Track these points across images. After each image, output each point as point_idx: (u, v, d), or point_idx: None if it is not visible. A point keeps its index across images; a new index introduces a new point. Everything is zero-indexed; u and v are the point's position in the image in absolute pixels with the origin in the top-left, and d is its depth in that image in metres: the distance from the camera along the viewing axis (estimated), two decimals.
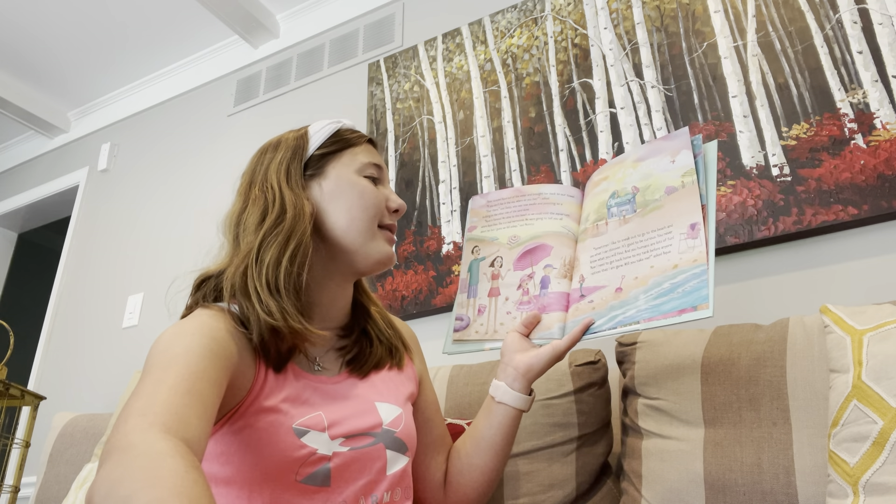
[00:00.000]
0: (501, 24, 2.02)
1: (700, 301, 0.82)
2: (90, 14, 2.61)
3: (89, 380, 2.47)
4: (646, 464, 1.07)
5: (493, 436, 0.95)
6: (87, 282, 2.72)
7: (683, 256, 0.87)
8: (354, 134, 0.96)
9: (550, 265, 0.99)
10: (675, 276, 0.86)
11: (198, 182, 2.59)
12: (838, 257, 1.35)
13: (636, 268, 0.90)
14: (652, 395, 1.10)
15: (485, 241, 1.07)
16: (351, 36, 2.41)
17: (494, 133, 1.90)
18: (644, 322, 0.86)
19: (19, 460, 1.83)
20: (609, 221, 0.97)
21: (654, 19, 1.75)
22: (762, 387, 1.00)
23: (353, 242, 0.89)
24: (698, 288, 0.83)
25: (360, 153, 0.94)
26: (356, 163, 0.92)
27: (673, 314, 0.84)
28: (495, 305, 1.01)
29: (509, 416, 0.94)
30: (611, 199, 0.98)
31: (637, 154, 1.01)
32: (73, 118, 3.20)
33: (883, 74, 1.40)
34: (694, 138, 0.94)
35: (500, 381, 0.95)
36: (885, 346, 0.84)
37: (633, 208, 0.95)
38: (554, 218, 1.03)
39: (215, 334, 0.75)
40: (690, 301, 0.83)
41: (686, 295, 0.84)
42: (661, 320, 0.84)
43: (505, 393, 0.94)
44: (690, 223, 0.88)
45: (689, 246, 0.87)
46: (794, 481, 0.93)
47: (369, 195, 0.91)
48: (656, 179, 0.94)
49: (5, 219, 3.30)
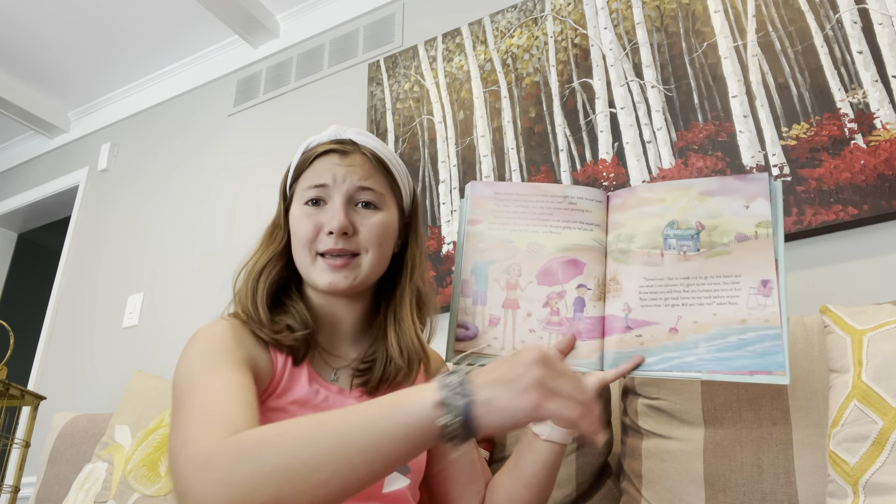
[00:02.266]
0: (501, 24, 2.02)
1: (776, 367, 0.82)
2: (90, 14, 2.61)
3: (89, 380, 2.47)
4: (646, 464, 1.07)
5: (538, 473, 0.90)
6: (87, 282, 2.72)
7: (753, 313, 0.84)
8: (308, 152, 0.93)
9: (584, 285, 0.92)
10: (743, 331, 0.84)
11: (198, 182, 2.59)
12: (838, 257, 1.35)
13: (696, 311, 0.87)
14: (652, 395, 1.10)
15: (496, 242, 0.96)
16: (351, 36, 2.41)
17: (494, 133, 1.90)
18: (707, 373, 0.84)
19: (19, 460, 1.83)
20: (665, 253, 0.90)
21: (654, 19, 1.75)
22: (762, 387, 1.00)
23: (303, 275, 0.91)
24: (773, 352, 0.82)
25: (308, 176, 0.91)
26: (301, 189, 0.92)
27: (744, 373, 0.83)
28: (513, 319, 0.93)
29: (554, 453, 0.90)
30: (669, 229, 0.91)
31: (705, 186, 0.93)
32: (73, 118, 3.19)
33: (883, 74, 1.40)
34: (773, 186, 0.89)
35: None
36: (885, 346, 0.84)
37: (697, 246, 0.90)
38: (584, 229, 0.94)
39: (227, 341, 0.80)
40: (764, 364, 0.82)
41: (759, 356, 0.82)
42: (730, 376, 0.83)
43: (553, 431, 0.88)
44: (762, 279, 0.86)
45: (761, 303, 0.85)
46: (794, 481, 0.93)
47: (299, 227, 0.90)
48: (726, 222, 0.89)
49: (5, 219, 3.30)
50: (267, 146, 2.45)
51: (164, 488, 1.26)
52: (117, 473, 1.32)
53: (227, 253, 2.34)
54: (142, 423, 1.41)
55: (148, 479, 1.28)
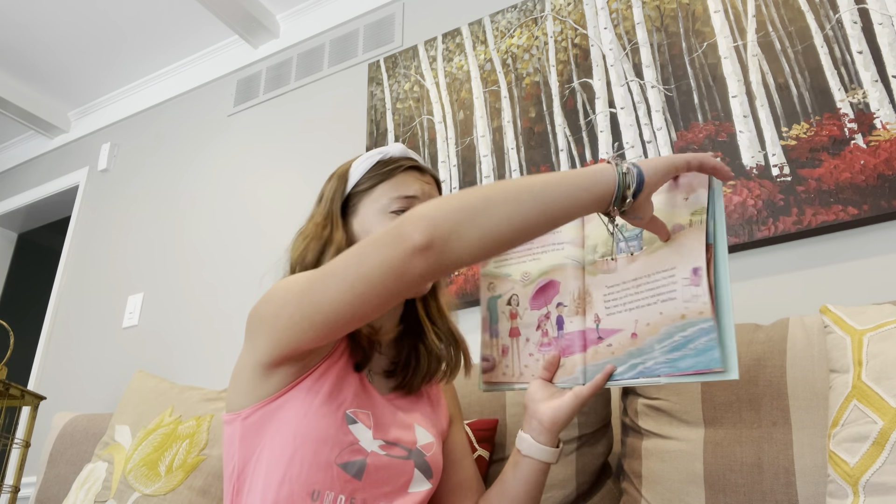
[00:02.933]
0: (501, 24, 2.02)
1: (715, 364, 0.76)
2: (90, 14, 2.61)
3: (89, 380, 2.47)
4: (646, 464, 1.07)
5: (519, 488, 0.93)
6: (87, 282, 2.72)
7: (689, 306, 0.80)
8: (390, 165, 0.97)
9: (562, 303, 0.94)
10: (684, 327, 0.80)
11: (198, 182, 2.59)
12: (838, 257, 1.35)
13: (647, 312, 0.84)
14: (652, 395, 1.10)
15: (499, 277, 1.03)
16: (351, 36, 2.41)
17: (494, 133, 1.90)
18: (665, 377, 0.81)
19: (19, 460, 1.83)
20: (618, 257, 0.90)
21: (654, 19, 1.75)
22: (762, 387, 1.00)
23: None
24: (709, 348, 0.77)
25: (392, 187, 0.95)
26: (384, 198, 0.94)
27: (690, 373, 0.79)
28: (517, 346, 0.97)
29: (536, 470, 0.92)
30: (618, 232, 0.91)
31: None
32: (73, 118, 3.20)
33: (883, 74, 1.40)
34: (715, 181, 0.85)
35: (526, 433, 0.92)
36: (885, 346, 0.84)
37: (640, 245, 0.88)
38: (556, 249, 0.97)
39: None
40: (704, 362, 0.77)
41: (699, 354, 0.78)
42: (682, 378, 0.80)
43: (531, 446, 0.91)
44: (693, 267, 0.81)
45: (693, 294, 0.80)
46: (794, 481, 0.93)
47: None
48: (665, 215, 0.86)
49: (5, 219, 3.30)
50: (267, 146, 2.45)
51: (163, 488, 1.26)
52: (117, 473, 1.32)
53: (228, 253, 2.34)
54: (142, 422, 1.41)
55: (148, 478, 1.28)
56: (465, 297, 1.74)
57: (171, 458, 1.30)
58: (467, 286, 1.75)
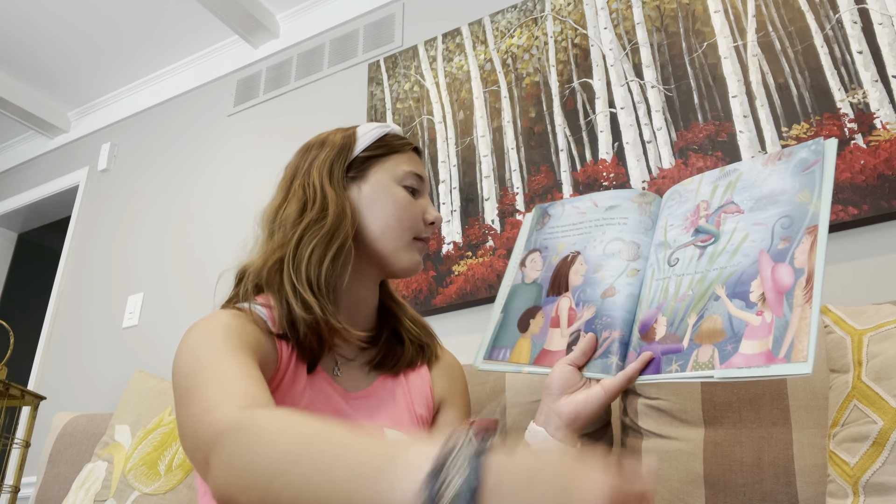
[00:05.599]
0: (501, 24, 2.02)
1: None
2: (90, 14, 2.61)
3: (89, 380, 2.47)
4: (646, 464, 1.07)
5: None
6: (87, 282, 2.72)
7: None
8: (400, 140, 0.95)
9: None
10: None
11: (198, 182, 2.59)
12: (838, 257, 1.35)
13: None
14: (652, 395, 1.10)
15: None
16: (351, 36, 2.41)
17: (494, 133, 1.90)
18: (720, 370, 0.71)
19: (19, 460, 1.83)
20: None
21: (654, 19, 1.75)
22: (762, 387, 1.00)
23: (384, 248, 0.88)
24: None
25: (404, 161, 0.93)
26: (398, 171, 0.91)
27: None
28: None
29: None
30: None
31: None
32: (73, 118, 3.20)
33: (883, 74, 1.39)
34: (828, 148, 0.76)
35: (540, 426, 0.80)
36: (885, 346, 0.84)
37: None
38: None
39: (233, 328, 0.75)
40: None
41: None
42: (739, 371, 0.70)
43: (544, 442, 0.79)
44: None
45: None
46: (794, 481, 0.93)
47: (404, 206, 0.89)
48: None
49: (5, 219, 3.30)
50: (267, 146, 2.45)
51: (163, 487, 1.26)
52: (117, 472, 1.32)
53: (228, 253, 2.34)
54: (141, 422, 1.41)
55: (147, 477, 1.28)
56: (466, 296, 1.74)
57: (170, 457, 1.30)
58: (467, 286, 1.75)
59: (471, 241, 1.81)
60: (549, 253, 0.95)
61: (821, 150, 0.76)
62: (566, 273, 0.91)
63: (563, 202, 0.99)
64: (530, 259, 0.97)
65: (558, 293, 0.90)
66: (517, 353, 0.89)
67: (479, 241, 1.79)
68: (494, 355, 0.91)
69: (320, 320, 0.79)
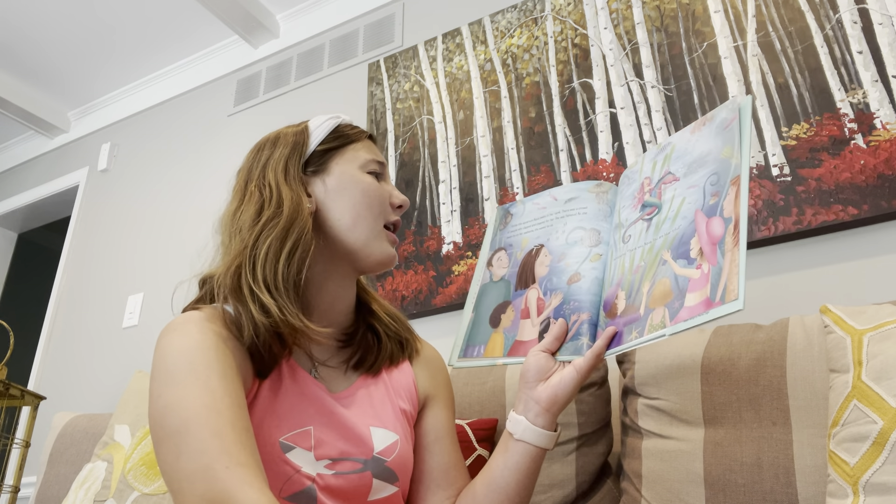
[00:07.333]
0: (501, 24, 2.02)
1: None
2: (90, 14, 2.61)
3: (89, 380, 2.47)
4: (646, 464, 1.06)
5: (510, 477, 0.82)
6: (87, 282, 2.72)
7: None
8: (354, 130, 0.93)
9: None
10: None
11: (198, 182, 2.59)
12: (838, 257, 1.35)
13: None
14: (652, 395, 1.10)
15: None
16: (351, 36, 2.41)
17: (494, 133, 1.90)
18: (669, 326, 0.74)
19: (19, 460, 1.83)
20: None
21: (654, 19, 1.75)
22: (762, 387, 1.00)
23: (356, 241, 0.86)
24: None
25: (362, 149, 0.91)
26: (359, 159, 0.90)
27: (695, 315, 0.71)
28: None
29: (530, 456, 0.81)
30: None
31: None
32: (73, 118, 3.20)
33: (883, 74, 1.39)
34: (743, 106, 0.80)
35: (520, 414, 0.82)
36: (885, 346, 0.84)
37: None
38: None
39: (211, 349, 0.73)
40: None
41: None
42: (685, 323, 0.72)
43: (526, 430, 0.81)
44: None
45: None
46: (794, 481, 0.93)
47: (373, 192, 0.88)
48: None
49: (5, 219, 3.30)
50: None
51: (163, 487, 1.26)
52: (117, 472, 1.32)
53: None
54: (141, 422, 1.41)
55: (147, 477, 1.28)
56: (465, 296, 1.74)
57: None
58: (467, 286, 1.75)
59: (471, 241, 1.81)
60: (513, 249, 0.97)
61: (737, 107, 0.81)
62: (532, 266, 0.93)
63: (523, 200, 1.02)
64: (496, 258, 0.99)
65: (526, 286, 0.92)
66: (491, 347, 0.91)
67: (479, 240, 1.79)
68: (469, 353, 0.92)
69: (279, 321, 0.76)
